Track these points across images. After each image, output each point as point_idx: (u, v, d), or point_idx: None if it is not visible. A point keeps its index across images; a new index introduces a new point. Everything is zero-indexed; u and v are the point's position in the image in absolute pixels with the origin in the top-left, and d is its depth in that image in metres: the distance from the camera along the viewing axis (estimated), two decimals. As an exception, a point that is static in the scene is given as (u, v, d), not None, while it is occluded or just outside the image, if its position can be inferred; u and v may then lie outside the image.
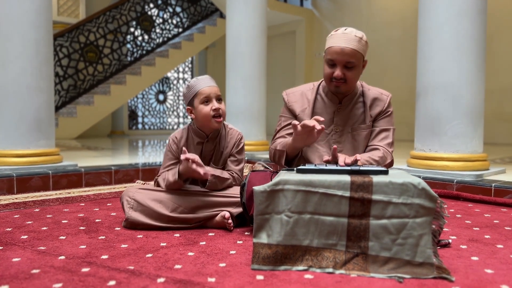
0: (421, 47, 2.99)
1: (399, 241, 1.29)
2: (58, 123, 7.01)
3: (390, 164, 1.75)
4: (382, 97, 1.80)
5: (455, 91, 2.81)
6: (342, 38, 1.67)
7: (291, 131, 1.81)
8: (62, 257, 1.42)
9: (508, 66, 6.32)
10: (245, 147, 4.82)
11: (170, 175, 1.80)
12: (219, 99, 1.84)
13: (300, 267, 1.30)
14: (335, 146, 1.53)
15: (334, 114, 1.79)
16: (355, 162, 1.56)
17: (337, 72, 1.67)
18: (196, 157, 1.70)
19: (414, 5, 7.11)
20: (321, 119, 1.57)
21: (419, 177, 2.58)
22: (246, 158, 4.31)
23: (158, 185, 1.89)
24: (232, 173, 1.91)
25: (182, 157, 1.70)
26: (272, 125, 8.71)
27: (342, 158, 1.52)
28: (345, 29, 1.70)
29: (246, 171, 3.90)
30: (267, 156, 4.19)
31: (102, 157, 4.13)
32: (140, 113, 10.02)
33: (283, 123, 1.86)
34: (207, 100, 1.81)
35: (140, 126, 10.01)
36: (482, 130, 2.91)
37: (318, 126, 1.53)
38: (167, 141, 1.95)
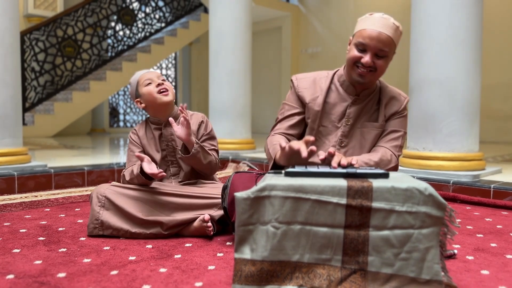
0: (414, 40, 2.83)
1: (403, 256, 1.11)
2: (34, 120, 6.70)
3: (393, 169, 1.55)
4: (399, 98, 1.61)
5: (450, 86, 2.65)
6: (380, 22, 1.46)
7: (293, 122, 1.62)
8: (11, 276, 1.22)
9: (495, 63, 6.25)
10: (230, 146, 4.58)
11: (135, 168, 1.68)
12: (163, 80, 1.82)
13: (289, 287, 1.12)
14: (330, 149, 1.33)
15: (348, 106, 1.59)
16: (350, 165, 1.37)
17: (367, 59, 1.45)
18: (145, 157, 1.63)
19: (402, 0, 7.00)
20: (311, 138, 1.36)
21: (414, 178, 2.42)
22: (230, 157, 4.12)
23: (123, 180, 1.75)
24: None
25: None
26: (258, 123, 8.52)
27: (337, 159, 1.32)
28: (383, 14, 1.49)
29: (230, 171, 3.70)
30: (253, 155, 4.00)
31: (79, 157, 3.88)
32: (121, 110, 9.71)
33: (286, 112, 1.63)
34: (150, 82, 1.80)
35: (121, 123, 9.70)
36: (478, 128, 2.77)
37: (304, 153, 1.28)
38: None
